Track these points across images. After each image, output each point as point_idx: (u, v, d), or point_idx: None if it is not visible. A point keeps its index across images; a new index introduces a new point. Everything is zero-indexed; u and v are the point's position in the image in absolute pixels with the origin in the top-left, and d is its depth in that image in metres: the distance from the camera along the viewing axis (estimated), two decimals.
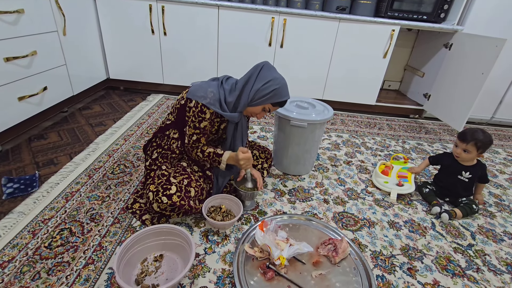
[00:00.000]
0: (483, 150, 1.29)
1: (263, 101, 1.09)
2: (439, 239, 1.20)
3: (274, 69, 1.11)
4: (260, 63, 1.10)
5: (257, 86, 1.07)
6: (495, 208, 1.44)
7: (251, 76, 1.08)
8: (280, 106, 1.14)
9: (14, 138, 1.59)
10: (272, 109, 1.15)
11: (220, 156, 1.14)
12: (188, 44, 2.23)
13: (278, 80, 1.08)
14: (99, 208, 1.15)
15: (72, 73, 1.90)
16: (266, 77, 1.07)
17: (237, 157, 1.11)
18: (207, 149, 1.14)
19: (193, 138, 1.10)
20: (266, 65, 1.10)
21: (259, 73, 1.08)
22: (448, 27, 2.15)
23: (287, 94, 1.11)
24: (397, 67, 2.84)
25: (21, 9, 1.46)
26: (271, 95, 1.07)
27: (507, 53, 2.16)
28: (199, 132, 1.09)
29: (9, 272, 0.87)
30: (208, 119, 1.08)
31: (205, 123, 1.08)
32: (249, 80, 1.08)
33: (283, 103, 1.13)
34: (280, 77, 1.09)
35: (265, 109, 1.13)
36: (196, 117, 1.06)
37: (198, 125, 1.08)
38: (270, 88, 1.06)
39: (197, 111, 1.06)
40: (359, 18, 2.11)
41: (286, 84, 1.11)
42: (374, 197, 1.42)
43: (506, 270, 1.09)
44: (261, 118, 1.18)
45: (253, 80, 1.08)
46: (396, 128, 2.32)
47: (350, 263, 1.01)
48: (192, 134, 1.10)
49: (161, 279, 0.89)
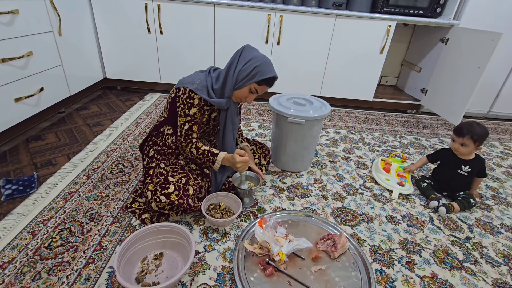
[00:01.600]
0: (480, 142, 1.30)
1: (247, 81, 1.08)
2: (437, 233, 1.21)
3: (255, 49, 1.11)
4: (241, 46, 1.11)
5: (239, 67, 1.07)
6: (492, 201, 1.46)
7: (233, 60, 1.09)
8: (267, 85, 1.11)
9: (12, 140, 1.58)
10: (259, 89, 1.11)
11: (215, 155, 1.13)
12: (185, 42, 2.22)
13: (259, 58, 1.07)
14: (98, 208, 1.16)
15: (69, 74, 1.90)
16: (246, 57, 1.07)
17: (233, 160, 1.10)
18: (201, 146, 1.13)
19: (185, 128, 1.10)
20: (247, 47, 1.10)
21: (240, 55, 1.09)
22: (444, 21, 2.15)
23: (271, 71, 1.08)
24: (394, 63, 2.84)
25: (16, 10, 1.45)
26: (254, 73, 1.06)
27: (503, 47, 2.16)
28: (190, 120, 1.09)
29: (9, 273, 0.88)
30: (196, 105, 1.08)
31: (194, 110, 1.08)
32: (231, 64, 1.09)
33: (269, 81, 1.10)
34: (261, 55, 1.08)
35: (252, 90, 1.11)
36: (185, 103, 1.07)
37: (188, 112, 1.08)
38: (252, 66, 1.05)
39: (185, 97, 1.06)
40: (356, 14, 2.11)
41: (269, 61, 1.08)
42: (373, 192, 1.43)
43: (503, 262, 1.10)
44: (250, 101, 1.16)
45: (235, 63, 1.09)
46: (393, 123, 2.33)
47: (349, 258, 1.02)
48: (183, 123, 1.09)
49: (162, 277, 0.90)
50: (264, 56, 1.09)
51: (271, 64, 1.09)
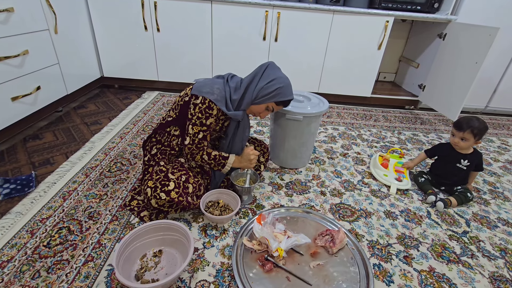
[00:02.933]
0: (480, 136, 1.31)
1: (267, 100, 1.10)
2: (434, 227, 1.21)
3: (278, 68, 1.13)
4: (266, 62, 1.13)
5: (261, 84, 1.08)
6: (489, 195, 1.47)
7: (256, 75, 1.10)
8: (283, 105, 1.16)
9: (9, 139, 1.58)
10: (276, 108, 1.16)
11: (226, 159, 1.14)
12: (182, 40, 2.21)
13: (282, 79, 1.09)
14: (97, 206, 1.16)
15: (66, 72, 1.89)
16: (270, 76, 1.08)
17: (247, 156, 1.16)
18: (212, 152, 1.12)
19: (199, 136, 1.07)
20: (271, 65, 1.12)
21: (264, 71, 1.10)
22: (442, 17, 2.15)
23: (291, 93, 1.12)
24: (392, 59, 2.84)
25: (11, 8, 1.44)
26: (275, 93, 1.08)
27: (500, 42, 2.17)
28: (205, 129, 1.07)
29: (8, 271, 0.88)
30: (214, 116, 1.06)
31: (211, 120, 1.07)
32: (253, 79, 1.10)
33: (286, 102, 1.14)
34: (284, 77, 1.11)
35: (269, 108, 1.14)
36: (203, 113, 1.05)
37: (204, 122, 1.06)
38: (274, 86, 1.07)
39: (204, 107, 1.04)
40: (353, 10, 2.11)
41: (290, 84, 1.12)
42: (371, 188, 1.43)
43: (499, 255, 1.11)
44: (264, 117, 1.19)
45: (257, 78, 1.09)
46: (391, 119, 2.33)
47: (347, 253, 1.03)
48: (198, 132, 1.07)
49: (161, 274, 0.90)
50: (287, 78, 1.11)
51: (291, 87, 1.12)
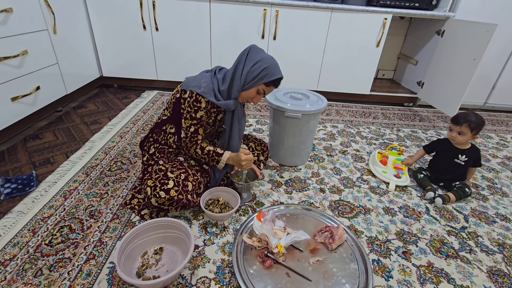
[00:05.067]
0: (477, 131, 1.32)
1: (256, 83, 1.08)
2: (433, 223, 1.22)
3: (261, 50, 1.10)
4: (247, 47, 1.10)
5: (246, 69, 1.07)
6: (488, 191, 1.47)
7: (240, 61, 1.08)
8: (274, 86, 1.12)
9: (9, 139, 1.58)
10: (267, 90, 1.12)
11: (220, 155, 1.15)
12: (181, 39, 2.21)
13: (267, 59, 1.07)
14: (97, 205, 1.16)
15: (65, 72, 1.89)
16: (254, 59, 1.07)
17: (238, 158, 1.12)
18: (206, 146, 1.14)
19: (190, 130, 1.10)
20: (253, 48, 1.10)
21: (247, 56, 1.08)
22: (440, 14, 2.15)
23: (279, 72, 1.09)
24: (391, 56, 2.84)
25: (9, 8, 1.44)
26: (262, 75, 1.06)
27: (498, 38, 2.17)
28: (196, 123, 1.09)
29: (11, 270, 0.89)
30: (204, 109, 1.08)
31: (201, 113, 1.08)
32: (238, 65, 1.08)
33: (276, 82, 1.11)
34: (268, 57, 1.08)
35: (260, 91, 1.11)
36: (192, 107, 1.06)
37: (194, 115, 1.08)
38: (260, 68, 1.05)
39: (192, 101, 1.06)
40: (351, 8, 2.11)
41: (276, 63, 1.09)
42: (370, 184, 1.44)
43: (498, 250, 1.12)
44: (257, 102, 1.17)
45: (242, 64, 1.08)
46: (390, 116, 2.34)
47: (346, 249, 1.04)
48: (189, 125, 1.09)
49: (162, 271, 0.91)
50: (272, 58, 1.09)
51: (278, 65, 1.10)
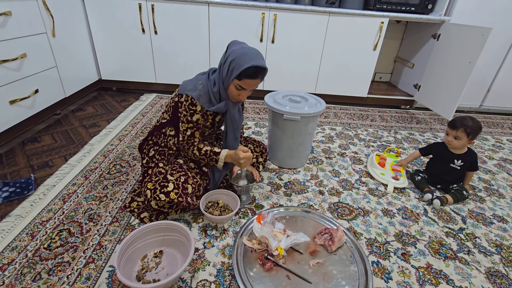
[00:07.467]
0: (473, 136, 1.33)
1: (228, 79, 1.03)
2: (431, 225, 1.23)
3: (236, 43, 1.05)
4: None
5: (222, 66, 1.06)
6: (485, 192, 1.49)
7: (220, 60, 1.07)
8: (249, 77, 1.00)
9: (7, 142, 1.57)
10: (243, 84, 1.02)
11: (218, 154, 1.14)
12: (180, 42, 2.22)
13: (235, 51, 0.99)
14: (97, 208, 1.16)
15: (63, 75, 1.89)
16: (226, 54, 1.04)
17: (237, 156, 1.10)
18: (203, 147, 1.14)
19: (187, 134, 1.11)
20: (230, 43, 1.06)
21: (225, 53, 1.06)
22: (436, 17, 2.18)
23: (246, 61, 0.97)
24: (388, 59, 2.87)
25: (8, 12, 1.44)
26: (230, 69, 1.01)
27: (493, 41, 2.20)
28: (192, 126, 1.10)
29: (9, 274, 0.88)
30: (199, 112, 1.08)
31: (197, 116, 1.08)
32: (220, 65, 1.08)
33: (249, 72, 0.98)
34: (237, 48, 1.00)
35: (237, 87, 1.04)
36: (188, 110, 1.07)
37: (190, 119, 1.08)
38: (228, 62, 1.01)
39: (187, 104, 1.07)
40: (349, 11, 2.13)
41: (246, 52, 0.99)
42: (368, 186, 1.45)
43: (495, 251, 1.13)
44: (244, 99, 1.11)
45: (222, 63, 1.06)
46: (388, 119, 2.36)
47: (346, 251, 1.04)
48: (186, 129, 1.10)
49: (162, 274, 0.91)
50: (242, 48, 1.00)
51: (248, 54, 0.98)
